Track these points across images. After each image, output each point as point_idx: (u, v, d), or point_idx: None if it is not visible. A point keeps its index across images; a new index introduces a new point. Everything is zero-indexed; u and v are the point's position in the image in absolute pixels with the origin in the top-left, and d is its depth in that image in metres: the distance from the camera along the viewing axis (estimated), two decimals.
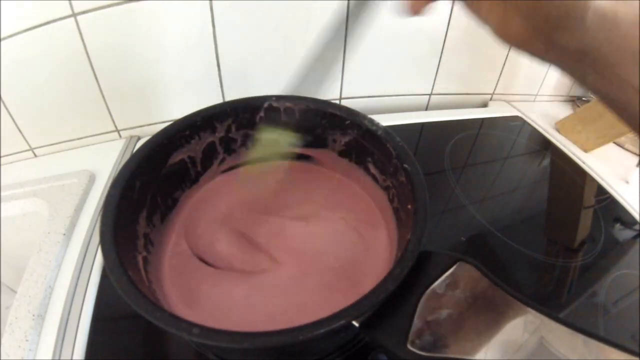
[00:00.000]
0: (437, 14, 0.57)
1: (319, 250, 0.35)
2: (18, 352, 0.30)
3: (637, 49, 0.17)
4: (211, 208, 0.38)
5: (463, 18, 0.25)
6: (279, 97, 0.37)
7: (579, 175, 0.57)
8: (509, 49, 0.65)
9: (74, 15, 0.41)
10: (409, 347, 0.22)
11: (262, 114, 0.38)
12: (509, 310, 0.23)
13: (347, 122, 0.37)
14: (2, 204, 0.42)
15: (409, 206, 0.30)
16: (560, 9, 0.17)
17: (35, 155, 0.51)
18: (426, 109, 0.70)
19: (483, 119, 0.66)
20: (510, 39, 0.20)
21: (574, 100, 0.79)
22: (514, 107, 0.72)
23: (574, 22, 0.17)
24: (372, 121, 0.36)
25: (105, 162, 0.49)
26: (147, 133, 0.54)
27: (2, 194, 0.43)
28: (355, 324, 0.23)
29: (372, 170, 0.38)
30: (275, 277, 0.33)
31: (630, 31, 0.17)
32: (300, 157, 0.42)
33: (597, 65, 0.18)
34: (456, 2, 0.22)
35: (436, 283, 0.25)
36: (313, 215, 0.38)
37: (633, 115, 0.19)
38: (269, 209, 0.38)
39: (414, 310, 0.23)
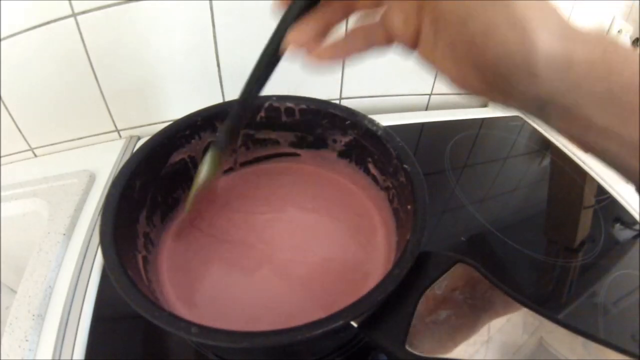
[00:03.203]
0: None
1: (318, 251, 0.35)
2: (18, 352, 0.30)
3: (597, 89, 0.16)
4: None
5: None
6: (279, 97, 0.37)
7: (579, 175, 0.57)
8: None
9: (74, 15, 0.41)
10: (408, 347, 0.22)
11: (262, 113, 0.38)
12: (508, 311, 0.23)
13: (347, 122, 0.37)
14: (2, 204, 0.42)
15: (409, 207, 0.30)
16: (505, 62, 0.17)
17: (35, 155, 0.51)
18: (426, 109, 0.70)
19: (483, 119, 0.66)
20: (468, 91, 0.20)
21: None
22: None
23: (523, 73, 0.17)
24: (372, 121, 0.36)
25: (105, 162, 0.49)
26: (147, 133, 0.54)
27: (2, 194, 0.43)
28: (354, 324, 0.23)
29: (373, 170, 0.38)
30: (275, 278, 0.33)
31: (587, 72, 0.16)
32: (299, 159, 0.42)
33: (557, 110, 0.18)
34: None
35: (435, 284, 0.25)
36: (312, 217, 0.38)
37: (601, 154, 0.18)
38: (267, 209, 0.38)
39: (413, 311, 0.23)
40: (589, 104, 0.17)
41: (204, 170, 0.32)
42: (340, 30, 0.22)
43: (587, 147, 0.18)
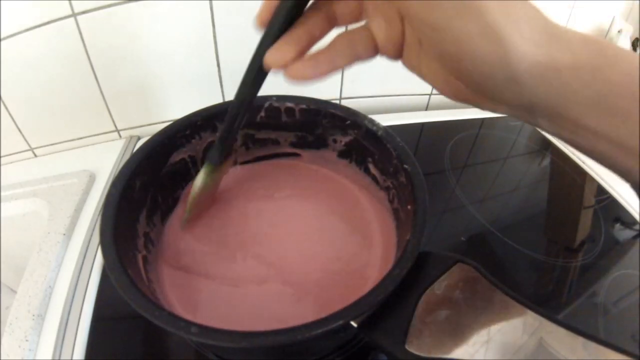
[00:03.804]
0: None
1: (318, 251, 0.35)
2: (18, 352, 0.30)
3: (584, 93, 0.16)
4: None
5: None
6: (279, 97, 0.37)
7: (579, 175, 0.57)
8: None
9: (74, 15, 0.41)
10: (407, 348, 0.22)
11: (262, 113, 0.38)
12: (508, 311, 0.23)
13: (348, 122, 0.37)
14: (2, 204, 0.42)
15: (409, 207, 0.30)
16: (482, 70, 0.16)
17: (35, 155, 0.51)
18: (426, 109, 0.70)
19: (483, 119, 0.66)
20: (457, 99, 0.20)
21: None
22: None
23: (503, 81, 0.16)
24: (372, 121, 0.35)
25: (105, 162, 0.49)
26: (147, 133, 0.54)
27: (2, 194, 0.43)
28: (354, 324, 0.23)
29: (373, 170, 0.38)
30: (275, 279, 0.33)
31: (573, 77, 0.16)
32: (299, 159, 0.42)
33: (546, 114, 0.17)
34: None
35: (435, 284, 0.25)
36: (312, 217, 0.38)
37: (593, 154, 0.18)
38: (266, 209, 0.38)
39: (413, 311, 0.23)
40: (577, 107, 0.16)
41: (199, 183, 0.32)
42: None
43: (579, 148, 0.18)
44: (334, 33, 0.21)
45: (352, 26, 0.21)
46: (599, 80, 0.16)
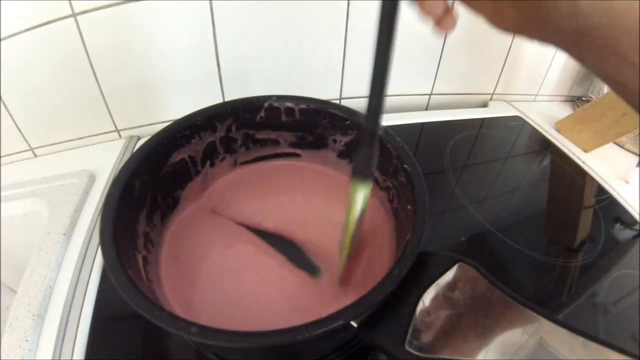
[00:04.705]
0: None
1: (318, 250, 0.35)
2: (18, 352, 0.30)
3: (635, 27, 0.16)
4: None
5: (463, 18, 0.24)
6: (279, 97, 0.37)
7: (579, 175, 0.57)
8: (509, 49, 0.65)
9: (74, 15, 0.41)
10: (407, 347, 0.22)
11: (262, 113, 0.38)
12: (508, 311, 0.23)
13: (348, 122, 0.37)
14: (2, 204, 0.42)
15: (409, 207, 0.30)
16: (549, 2, 0.17)
17: (35, 155, 0.51)
18: (426, 109, 0.70)
19: (483, 119, 0.66)
20: (506, 27, 0.20)
21: (574, 100, 0.79)
22: (514, 107, 0.72)
23: (566, 12, 0.17)
24: None
25: (105, 162, 0.49)
26: (147, 133, 0.54)
27: (2, 194, 0.43)
28: (354, 324, 0.23)
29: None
30: (274, 279, 0.33)
31: (627, 9, 0.16)
32: (299, 159, 0.42)
33: (595, 45, 0.18)
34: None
35: (435, 284, 0.25)
36: (312, 217, 0.38)
37: (632, 93, 0.18)
38: (266, 209, 0.38)
39: (413, 311, 0.23)
40: (627, 41, 0.17)
41: (358, 209, 0.27)
42: None
43: (618, 87, 0.19)
44: None
45: None
46: None
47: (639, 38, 0.17)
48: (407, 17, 0.23)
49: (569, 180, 0.57)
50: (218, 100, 0.48)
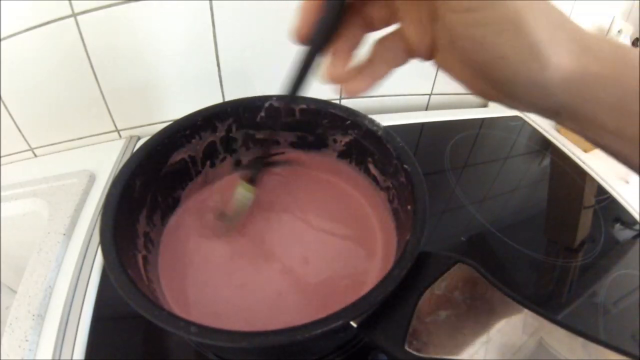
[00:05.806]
0: None
1: (317, 251, 0.35)
2: (18, 352, 0.30)
3: (610, 99, 0.17)
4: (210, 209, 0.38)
5: None
6: (279, 97, 0.37)
7: (579, 175, 0.57)
8: None
9: (74, 15, 0.41)
10: (407, 348, 0.22)
11: (262, 113, 0.38)
12: (507, 312, 0.23)
13: (348, 122, 0.37)
14: (2, 204, 0.42)
15: (409, 207, 0.30)
16: (519, 82, 0.17)
17: (35, 155, 0.51)
18: (426, 109, 0.70)
19: (483, 119, 0.66)
20: (486, 98, 0.20)
21: None
22: None
23: (538, 91, 0.17)
24: (372, 121, 0.35)
25: (105, 162, 0.49)
26: (147, 133, 0.54)
27: (2, 194, 0.43)
28: (354, 324, 0.23)
29: (373, 170, 0.38)
30: (274, 279, 0.33)
31: (601, 85, 0.17)
32: (299, 162, 0.42)
33: (571, 116, 0.18)
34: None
35: (435, 284, 0.24)
36: (311, 217, 0.38)
37: (617, 154, 0.19)
38: (265, 209, 0.38)
39: (413, 312, 0.23)
40: (602, 111, 0.17)
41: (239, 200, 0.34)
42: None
43: (599, 146, 0.19)
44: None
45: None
46: (620, 87, 0.17)
47: (614, 108, 0.17)
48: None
49: (569, 180, 0.57)
50: (218, 100, 0.48)
